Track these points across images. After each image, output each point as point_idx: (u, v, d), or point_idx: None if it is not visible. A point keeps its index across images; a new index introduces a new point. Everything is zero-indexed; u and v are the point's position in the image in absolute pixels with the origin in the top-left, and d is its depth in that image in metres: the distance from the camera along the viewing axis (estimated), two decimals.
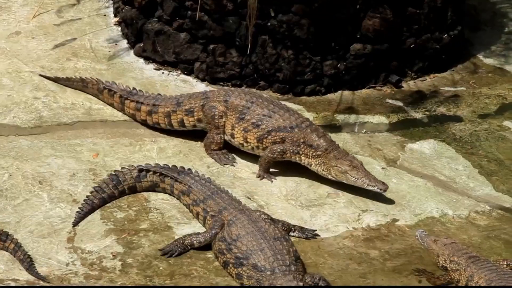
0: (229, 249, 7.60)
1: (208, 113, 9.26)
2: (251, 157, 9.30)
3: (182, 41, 10.89)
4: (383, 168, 9.38)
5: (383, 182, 8.70)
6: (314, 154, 8.88)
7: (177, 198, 8.57)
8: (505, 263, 7.63)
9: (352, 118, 10.39)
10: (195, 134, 9.57)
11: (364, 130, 10.26)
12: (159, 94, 9.75)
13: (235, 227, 7.76)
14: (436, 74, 11.44)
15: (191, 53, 10.89)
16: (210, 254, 7.86)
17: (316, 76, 10.83)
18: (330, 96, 10.88)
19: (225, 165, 9.19)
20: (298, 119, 9.09)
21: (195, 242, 7.87)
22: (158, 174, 8.60)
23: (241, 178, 9.08)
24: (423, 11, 11.09)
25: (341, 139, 9.88)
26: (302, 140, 8.92)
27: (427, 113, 10.61)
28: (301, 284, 7.18)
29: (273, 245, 7.48)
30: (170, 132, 9.57)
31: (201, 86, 10.76)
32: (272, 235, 7.62)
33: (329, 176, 8.87)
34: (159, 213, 8.40)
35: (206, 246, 7.89)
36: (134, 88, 9.81)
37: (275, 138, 8.99)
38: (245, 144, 9.16)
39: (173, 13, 10.84)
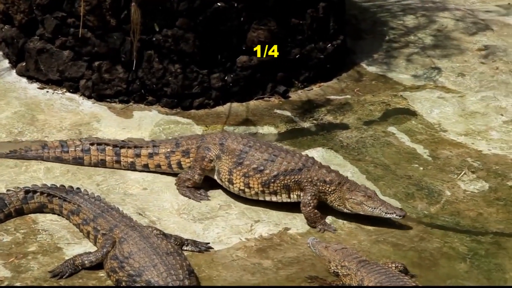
0: (122, 267, 7.50)
1: (200, 152, 9.00)
2: (142, 173, 9.22)
3: (65, 59, 10.73)
4: None
5: (400, 209, 8.62)
6: (329, 189, 8.70)
7: (66, 218, 8.41)
8: (394, 265, 7.80)
9: (241, 129, 10.45)
10: None
11: None
12: (153, 141, 9.38)
13: (126, 244, 7.67)
14: (322, 83, 11.64)
15: (76, 70, 10.74)
16: (102, 273, 7.74)
17: (204, 89, 10.85)
18: (219, 108, 10.92)
19: (201, 201, 8.94)
20: (301, 158, 8.86)
21: (86, 262, 7.74)
22: (45, 194, 8.42)
23: (132, 195, 8.99)
24: (306, 22, 11.28)
25: None
26: (316, 178, 8.72)
27: (314, 122, 10.77)
28: None
29: (166, 260, 7.43)
30: None
31: (87, 104, 10.64)
32: (165, 250, 7.57)
33: (345, 210, 8.69)
34: (48, 234, 8.23)
35: (98, 265, 7.76)
36: (123, 141, 9.43)
37: (285, 182, 8.75)
38: (246, 190, 8.85)
39: (55, 30, 10.67)
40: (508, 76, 11.87)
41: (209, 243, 8.33)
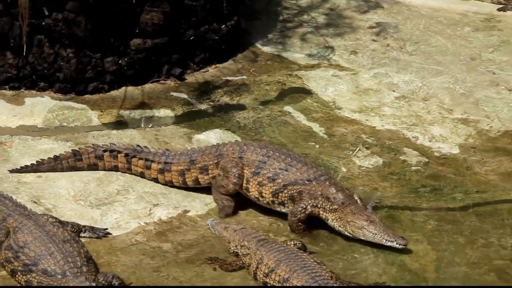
0: (17, 257, 7.37)
1: (225, 166, 8.64)
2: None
3: None
4: None
5: (402, 237, 8.17)
6: (330, 207, 8.37)
7: None
8: (292, 243, 7.90)
9: (137, 113, 10.38)
10: None
11: (151, 125, 10.27)
12: (167, 150, 9.02)
13: (21, 233, 7.53)
14: (218, 65, 11.64)
15: None
16: None
17: (98, 73, 10.70)
18: (114, 92, 10.80)
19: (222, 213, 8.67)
20: (316, 172, 8.59)
21: None
22: None
23: (26, 183, 8.81)
24: (199, 3, 11.24)
25: (128, 135, 9.86)
26: (319, 193, 8.42)
27: (211, 103, 10.78)
28: (94, 284, 7.12)
29: (63, 248, 7.35)
30: None
31: None
32: (61, 238, 7.48)
33: (346, 232, 8.30)
34: None
35: None
36: (138, 145, 9.07)
37: (291, 192, 8.49)
38: (260, 198, 8.60)
39: None
40: (399, 52, 12.14)
41: (107, 228, 8.26)
